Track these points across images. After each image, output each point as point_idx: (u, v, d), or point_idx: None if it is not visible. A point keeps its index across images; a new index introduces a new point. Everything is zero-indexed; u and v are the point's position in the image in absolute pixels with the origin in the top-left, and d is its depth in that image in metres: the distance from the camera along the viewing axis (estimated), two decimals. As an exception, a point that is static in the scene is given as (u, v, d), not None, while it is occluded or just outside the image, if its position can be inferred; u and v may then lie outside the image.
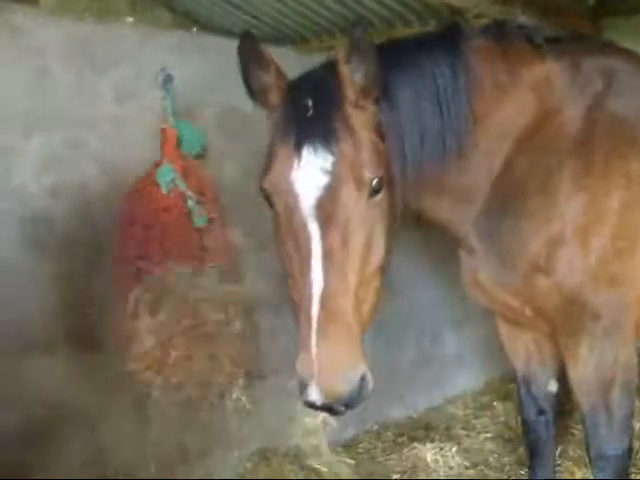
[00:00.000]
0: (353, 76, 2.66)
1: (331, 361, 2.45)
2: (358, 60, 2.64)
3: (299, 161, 2.58)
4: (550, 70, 3.39)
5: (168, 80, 3.84)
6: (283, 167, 2.61)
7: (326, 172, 2.55)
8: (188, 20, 8.73)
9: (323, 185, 2.54)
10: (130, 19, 6.63)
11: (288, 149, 2.61)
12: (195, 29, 7.61)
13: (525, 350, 3.92)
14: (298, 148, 2.59)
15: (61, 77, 3.94)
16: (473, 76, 3.18)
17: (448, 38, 3.28)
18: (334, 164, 2.56)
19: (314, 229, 2.54)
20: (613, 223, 3.21)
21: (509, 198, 3.32)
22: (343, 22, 8.04)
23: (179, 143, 3.96)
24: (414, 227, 5.68)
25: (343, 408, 2.57)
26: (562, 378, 3.89)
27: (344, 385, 2.48)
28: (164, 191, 3.86)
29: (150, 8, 9.05)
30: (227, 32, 8.40)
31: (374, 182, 2.61)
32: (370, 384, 2.60)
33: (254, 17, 8.45)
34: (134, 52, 4.21)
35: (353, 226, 2.56)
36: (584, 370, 3.34)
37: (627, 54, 3.60)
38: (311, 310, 2.48)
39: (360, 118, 2.69)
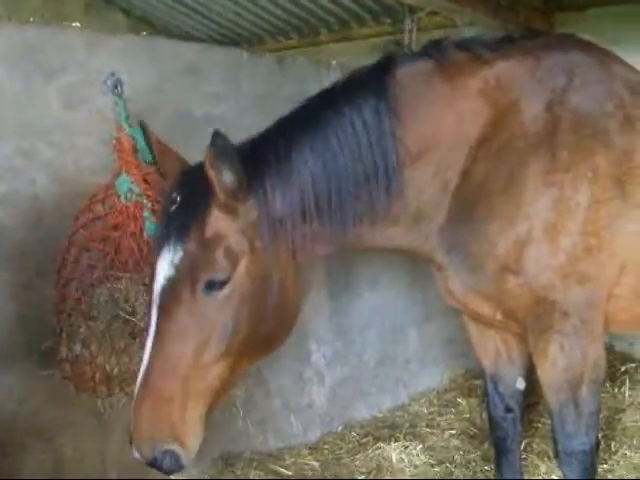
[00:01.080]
0: (220, 180, 2.81)
1: (139, 429, 2.82)
2: (221, 167, 2.79)
3: (159, 250, 2.88)
4: (501, 71, 3.38)
5: (118, 85, 3.77)
6: (154, 249, 2.97)
7: (173, 266, 2.82)
8: (144, 24, 8.69)
9: (168, 277, 2.82)
10: (77, 24, 6.58)
11: (157, 237, 2.98)
12: (145, 32, 7.57)
13: (494, 348, 3.94)
14: (160, 239, 2.91)
15: (7, 83, 3.86)
16: (402, 105, 3.18)
17: (375, 74, 3.28)
18: (180, 260, 2.81)
19: (154, 314, 2.83)
20: (581, 220, 3.21)
21: (472, 204, 3.31)
22: (299, 22, 8.08)
23: (135, 150, 3.88)
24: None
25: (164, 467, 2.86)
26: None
27: (146, 451, 2.83)
28: (123, 201, 3.79)
29: (104, 13, 9.01)
30: (184, 35, 8.40)
31: (212, 281, 2.82)
32: (181, 460, 2.86)
33: (210, 19, 8.45)
34: (82, 57, 4.14)
35: (183, 320, 2.80)
36: (553, 368, 3.36)
37: (587, 47, 3.59)
38: (138, 380, 2.83)
39: (225, 220, 2.87)
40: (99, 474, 4.27)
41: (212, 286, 2.84)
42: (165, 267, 2.84)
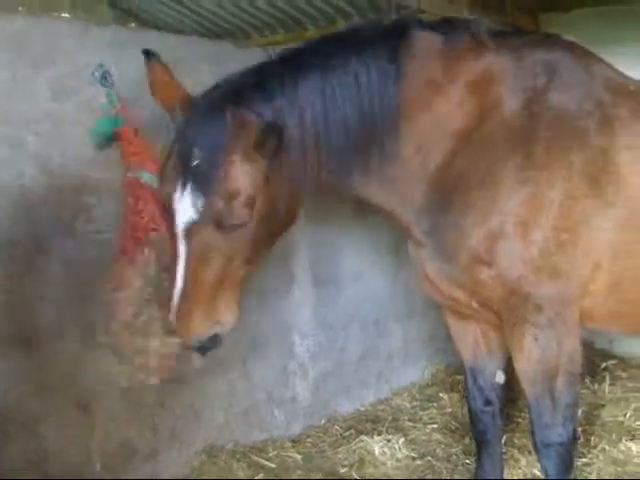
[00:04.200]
0: (246, 141, 2.96)
1: (186, 327, 3.12)
2: (270, 141, 2.99)
3: (181, 193, 3.03)
4: (489, 65, 3.45)
5: (106, 76, 3.77)
6: (170, 189, 3.09)
7: (196, 210, 3.00)
8: (129, 16, 8.66)
9: (191, 219, 3.01)
10: (66, 15, 6.55)
11: (175, 180, 3.07)
12: (133, 24, 7.54)
13: (473, 341, 3.98)
14: (182, 185, 3.03)
15: (-5, 74, 3.86)
16: (404, 74, 3.29)
17: (388, 35, 3.37)
18: (202, 205, 2.98)
19: (181, 246, 3.07)
20: (554, 215, 3.27)
21: (450, 192, 3.38)
22: (285, 17, 8.07)
23: (138, 138, 3.89)
24: (358, 220, 5.75)
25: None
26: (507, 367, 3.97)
27: (194, 343, 3.21)
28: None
29: (91, 4, 8.96)
30: (169, 28, 8.37)
31: (233, 224, 3.03)
32: (221, 338, 3.26)
33: (196, 13, 8.43)
34: (71, 48, 4.13)
35: (208, 248, 3.05)
36: (528, 360, 3.42)
37: (571, 47, 3.65)
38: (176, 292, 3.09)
39: (244, 167, 3.00)
40: (83, 464, 4.27)
41: (237, 228, 3.05)
42: (189, 210, 3.01)
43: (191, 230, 3.02)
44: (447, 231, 3.40)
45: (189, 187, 3.00)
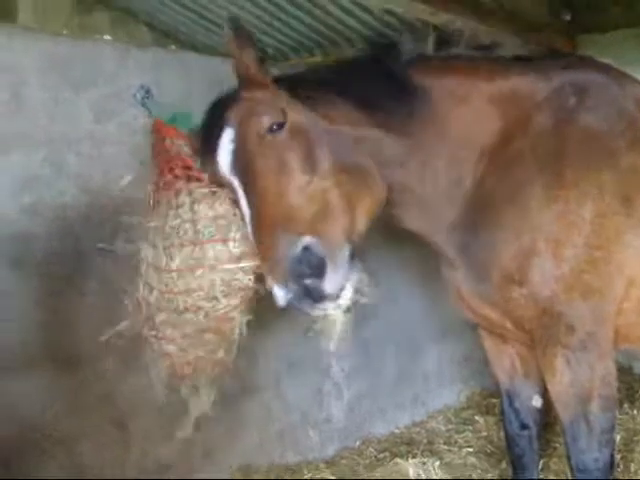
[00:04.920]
0: (245, 54, 3.09)
1: (269, 247, 2.89)
2: (243, 43, 3.07)
3: (218, 144, 3.10)
4: (516, 85, 3.48)
5: (148, 95, 3.81)
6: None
7: (233, 142, 3.05)
8: (167, 38, 8.76)
9: (233, 151, 3.06)
10: (108, 37, 6.64)
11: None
12: (173, 46, 7.63)
13: (509, 364, 3.95)
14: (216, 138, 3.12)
15: (38, 95, 3.91)
16: (420, 87, 3.35)
17: (384, 61, 3.42)
18: (235, 136, 3.05)
19: (235, 181, 3.04)
20: (586, 232, 3.26)
21: (481, 211, 3.39)
22: (322, 39, 8.12)
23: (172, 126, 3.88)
24: (393, 245, 5.73)
25: (305, 280, 2.86)
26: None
27: (284, 251, 2.85)
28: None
29: (130, 26, 9.09)
30: (207, 50, 8.45)
31: (270, 125, 3.03)
32: (318, 249, 2.89)
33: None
34: (112, 70, 4.20)
35: (264, 163, 2.99)
36: (560, 383, 3.38)
37: (603, 68, 3.68)
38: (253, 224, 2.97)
39: (258, 91, 3.10)
40: (119, 483, 4.29)
41: (273, 129, 3.03)
42: (227, 146, 3.07)
43: (238, 157, 3.04)
44: (478, 250, 3.40)
45: (219, 132, 3.11)
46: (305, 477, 5.08)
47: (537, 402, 3.98)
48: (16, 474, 3.86)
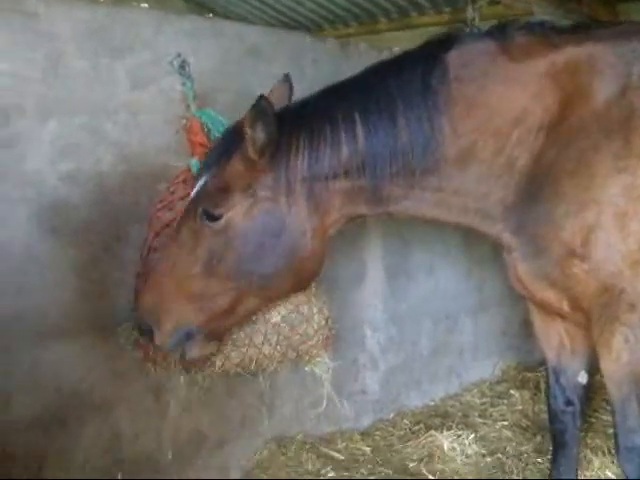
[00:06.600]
0: (252, 137, 3.14)
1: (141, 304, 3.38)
2: (256, 126, 3.11)
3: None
4: (570, 55, 3.34)
5: (184, 65, 3.79)
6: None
7: (196, 192, 3.33)
8: (202, 8, 8.73)
9: (190, 199, 3.35)
10: (145, 5, 6.62)
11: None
12: (211, 14, 7.60)
13: (558, 340, 3.90)
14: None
15: (76, 63, 3.90)
16: (455, 82, 3.25)
17: (431, 50, 3.35)
18: (199, 188, 3.31)
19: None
20: None
21: (540, 186, 3.28)
22: (358, 10, 8.04)
23: (202, 131, 3.90)
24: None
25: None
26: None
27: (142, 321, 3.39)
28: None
29: (164, -3, 9.07)
30: (242, 19, 8.41)
31: (207, 212, 3.22)
32: (154, 336, 3.34)
33: (268, 5, 8.46)
34: (149, 38, 4.18)
35: (185, 237, 3.28)
36: (617, 361, 3.29)
37: None
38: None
39: (240, 168, 3.23)
40: (154, 451, 4.32)
41: (207, 216, 3.20)
42: (194, 192, 3.33)
43: (187, 209, 3.32)
44: (538, 224, 3.28)
45: (202, 170, 3.39)
46: (339, 447, 5.10)
47: (583, 378, 3.94)
48: (55, 440, 3.91)
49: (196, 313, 3.28)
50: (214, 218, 3.20)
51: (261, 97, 3.11)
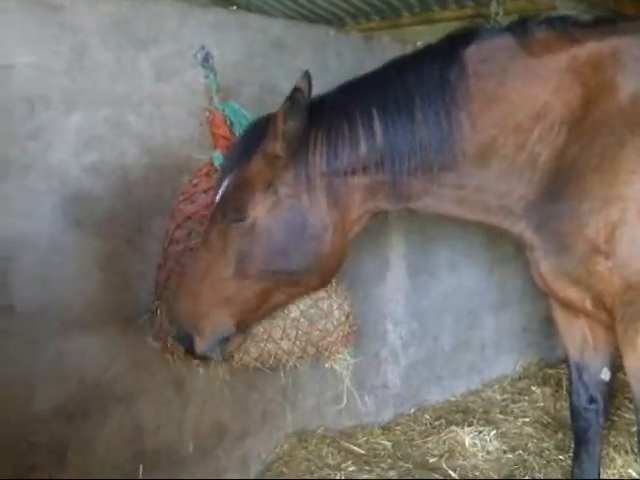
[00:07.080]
0: (283, 130, 3.13)
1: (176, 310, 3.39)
2: (289, 119, 3.11)
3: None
4: (593, 49, 3.30)
5: (208, 58, 3.79)
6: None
7: (221, 194, 3.33)
8: (225, 0, 8.70)
9: (216, 202, 3.36)
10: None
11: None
12: (235, 7, 7.60)
13: (581, 337, 3.86)
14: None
15: (101, 55, 3.91)
16: (474, 78, 3.21)
17: (450, 45, 3.31)
18: (224, 189, 3.32)
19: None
20: None
21: (563, 182, 3.22)
22: (380, 4, 8.01)
23: (225, 124, 3.90)
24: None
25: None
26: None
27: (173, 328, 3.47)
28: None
29: (188, -12, 9.07)
30: (263, 12, 8.39)
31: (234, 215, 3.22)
32: (195, 345, 3.38)
33: (291, -1, 8.44)
34: (174, 30, 4.17)
35: (213, 241, 3.28)
36: None
37: None
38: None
39: (262, 165, 3.22)
40: (176, 442, 4.33)
41: (235, 219, 3.21)
42: (218, 194, 3.34)
43: (213, 214, 3.34)
44: (561, 221, 3.23)
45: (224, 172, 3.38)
46: (360, 441, 5.10)
47: (606, 375, 3.91)
48: (78, 431, 3.92)
49: (231, 315, 3.30)
50: (240, 219, 3.20)
51: (296, 89, 3.10)
